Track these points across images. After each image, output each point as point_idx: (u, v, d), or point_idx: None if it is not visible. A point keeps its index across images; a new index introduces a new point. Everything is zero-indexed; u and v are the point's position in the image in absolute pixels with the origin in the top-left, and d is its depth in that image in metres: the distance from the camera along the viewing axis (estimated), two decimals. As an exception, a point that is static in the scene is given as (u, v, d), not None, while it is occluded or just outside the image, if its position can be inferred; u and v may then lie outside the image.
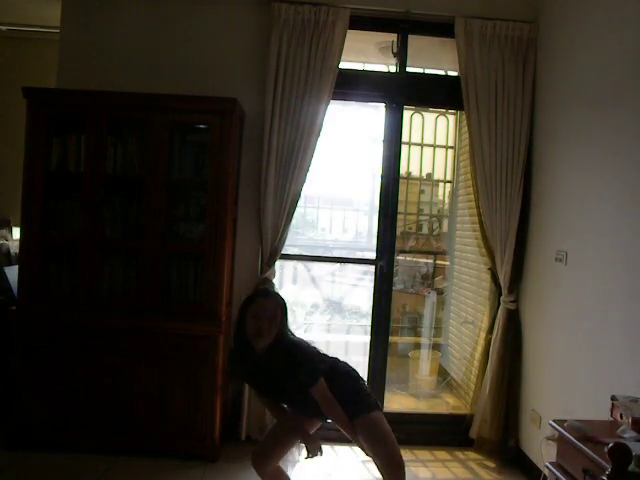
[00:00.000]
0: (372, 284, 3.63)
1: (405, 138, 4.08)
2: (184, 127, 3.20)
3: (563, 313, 2.93)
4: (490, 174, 3.37)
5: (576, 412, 2.51)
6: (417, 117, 4.66)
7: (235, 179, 3.28)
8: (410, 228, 5.03)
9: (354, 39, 3.45)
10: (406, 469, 2.29)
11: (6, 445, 3.04)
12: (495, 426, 3.36)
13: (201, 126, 3.22)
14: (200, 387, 3.04)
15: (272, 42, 3.28)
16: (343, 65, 3.38)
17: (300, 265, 5.11)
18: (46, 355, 3.03)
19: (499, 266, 3.40)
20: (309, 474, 3.10)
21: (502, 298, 3.42)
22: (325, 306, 5.71)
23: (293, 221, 3.37)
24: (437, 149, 4.79)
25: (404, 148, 4.05)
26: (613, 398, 2.09)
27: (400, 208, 3.81)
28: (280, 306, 2.29)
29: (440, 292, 4.86)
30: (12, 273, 3.52)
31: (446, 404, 4.36)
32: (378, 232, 3.62)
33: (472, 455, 3.42)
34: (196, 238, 3.19)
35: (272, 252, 3.34)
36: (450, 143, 4.77)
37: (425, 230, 5.10)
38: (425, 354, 4.74)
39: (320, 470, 3.15)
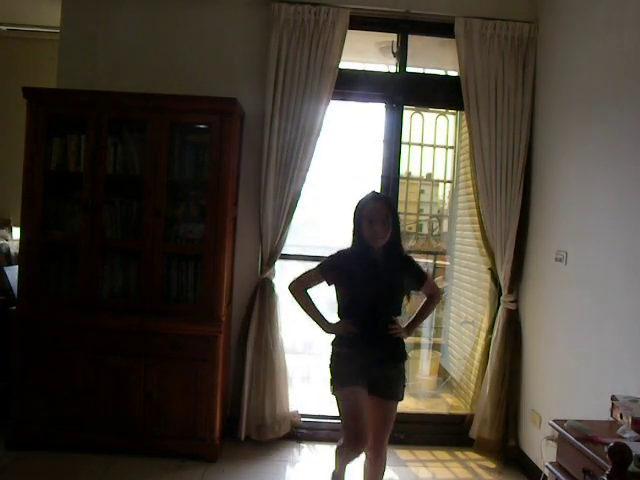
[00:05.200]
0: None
1: (405, 138, 4.07)
2: (184, 127, 3.20)
3: (563, 313, 2.93)
4: (490, 174, 3.37)
5: (576, 412, 2.50)
6: (417, 117, 4.66)
7: (235, 179, 3.28)
8: (410, 228, 5.03)
9: (354, 39, 3.45)
10: (406, 469, 2.30)
11: (6, 445, 3.04)
12: (495, 426, 3.36)
13: (201, 126, 3.22)
14: (200, 387, 3.04)
15: (272, 42, 3.29)
16: (343, 65, 3.39)
17: (301, 265, 5.10)
18: (46, 355, 3.03)
19: (499, 266, 3.40)
20: (310, 474, 3.10)
21: (502, 298, 3.42)
22: (325, 305, 5.69)
23: (293, 221, 3.37)
24: (437, 149, 4.78)
25: (404, 148, 4.05)
26: (613, 398, 2.09)
27: (400, 208, 3.81)
28: (392, 209, 2.38)
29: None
30: (12, 273, 3.52)
31: (446, 404, 4.36)
32: (378, 232, 3.61)
33: (472, 455, 3.42)
34: (196, 238, 3.19)
35: (272, 252, 3.34)
36: (450, 143, 4.77)
37: (425, 230, 5.10)
38: (425, 354, 4.74)
39: (321, 470, 3.16)
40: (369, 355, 2.32)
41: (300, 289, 2.45)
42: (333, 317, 2.46)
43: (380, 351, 2.33)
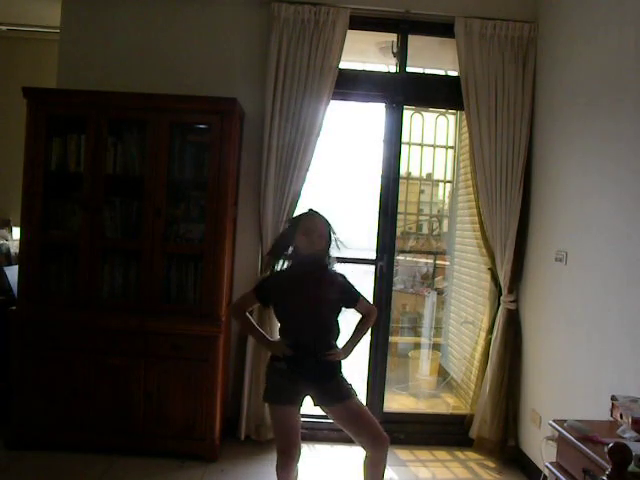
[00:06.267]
0: (372, 284, 3.63)
1: (405, 138, 4.07)
2: (184, 127, 3.20)
3: (563, 313, 2.93)
4: (490, 174, 3.37)
5: (576, 412, 2.51)
6: (417, 117, 4.66)
7: (235, 179, 3.28)
8: (410, 228, 5.03)
9: (354, 39, 3.45)
10: (406, 469, 2.27)
11: (6, 445, 3.05)
12: (495, 426, 3.36)
13: (201, 126, 3.22)
14: (200, 387, 3.04)
15: (272, 42, 3.29)
16: (343, 65, 3.39)
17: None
18: (46, 355, 3.03)
19: (499, 266, 3.40)
20: (308, 475, 3.10)
21: (502, 298, 3.42)
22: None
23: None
24: (437, 149, 4.79)
25: (404, 148, 4.05)
26: (613, 398, 2.09)
27: (400, 208, 3.80)
28: (327, 224, 2.39)
29: (440, 292, 4.87)
30: (12, 273, 3.52)
31: (446, 404, 4.36)
32: (378, 232, 3.62)
33: (472, 455, 3.42)
34: (196, 238, 3.19)
35: (272, 252, 3.33)
36: (450, 143, 4.77)
37: (425, 230, 5.10)
38: (425, 354, 4.74)
39: (321, 471, 3.16)
40: (304, 375, 2.33)
41: (238, 312, 2.49)
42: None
43: (314, 371, 2.33)
